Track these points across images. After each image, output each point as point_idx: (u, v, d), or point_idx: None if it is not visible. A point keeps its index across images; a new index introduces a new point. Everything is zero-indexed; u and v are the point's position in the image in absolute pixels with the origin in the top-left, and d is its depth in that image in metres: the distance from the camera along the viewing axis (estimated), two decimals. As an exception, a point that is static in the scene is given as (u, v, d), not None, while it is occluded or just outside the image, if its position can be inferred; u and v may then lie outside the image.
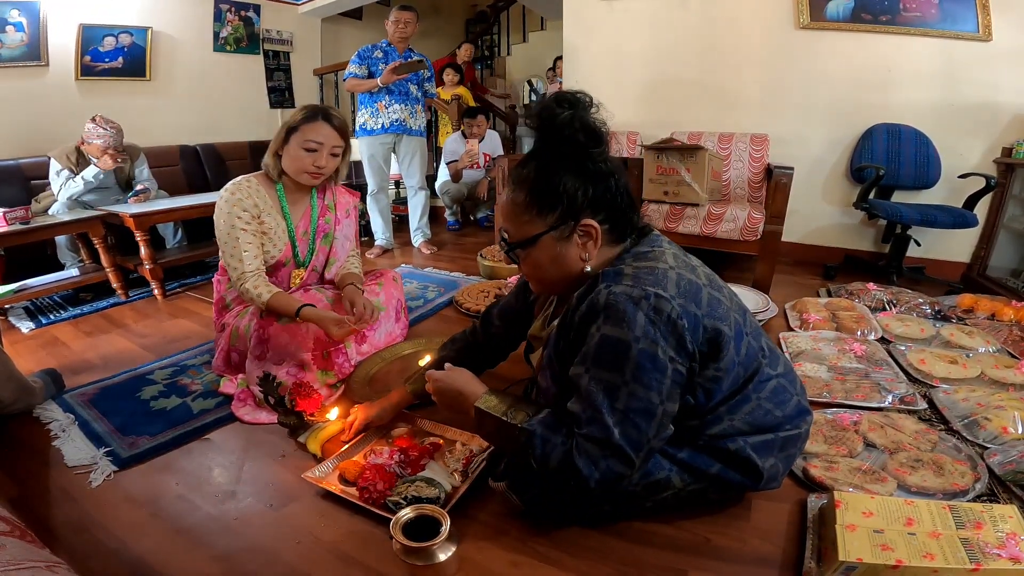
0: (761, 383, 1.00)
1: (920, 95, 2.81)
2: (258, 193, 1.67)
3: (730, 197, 2.99)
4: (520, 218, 0.98)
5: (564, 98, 0.95)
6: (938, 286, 2.70)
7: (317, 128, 1.62)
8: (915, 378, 1.69)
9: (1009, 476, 1.19)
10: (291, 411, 1.44)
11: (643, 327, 0.86)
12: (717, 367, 0.94)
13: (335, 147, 1.66)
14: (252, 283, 1.61)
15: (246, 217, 1.63)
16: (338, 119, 1.66)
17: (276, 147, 1.66)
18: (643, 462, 0.94)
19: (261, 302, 1.60)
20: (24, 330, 2.31)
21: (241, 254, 1.61)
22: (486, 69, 7.07)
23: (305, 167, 1.63)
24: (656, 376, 0.87)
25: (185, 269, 3.04)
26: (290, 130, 1.63)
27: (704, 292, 0.94)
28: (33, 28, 3.29)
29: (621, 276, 0.91)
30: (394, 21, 3.07)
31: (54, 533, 1.14)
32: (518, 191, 0.98)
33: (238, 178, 1.68)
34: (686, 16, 3.21)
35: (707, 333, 0.91)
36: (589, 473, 0.89)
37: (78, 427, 1.53)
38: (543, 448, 0.93)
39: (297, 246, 1.76)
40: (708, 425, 1.00)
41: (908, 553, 0.89)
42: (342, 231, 1.87)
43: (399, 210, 4.07)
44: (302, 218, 1.78)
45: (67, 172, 2.74)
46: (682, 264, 0.96)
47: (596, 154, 0.96)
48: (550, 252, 0.98)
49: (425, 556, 0.95)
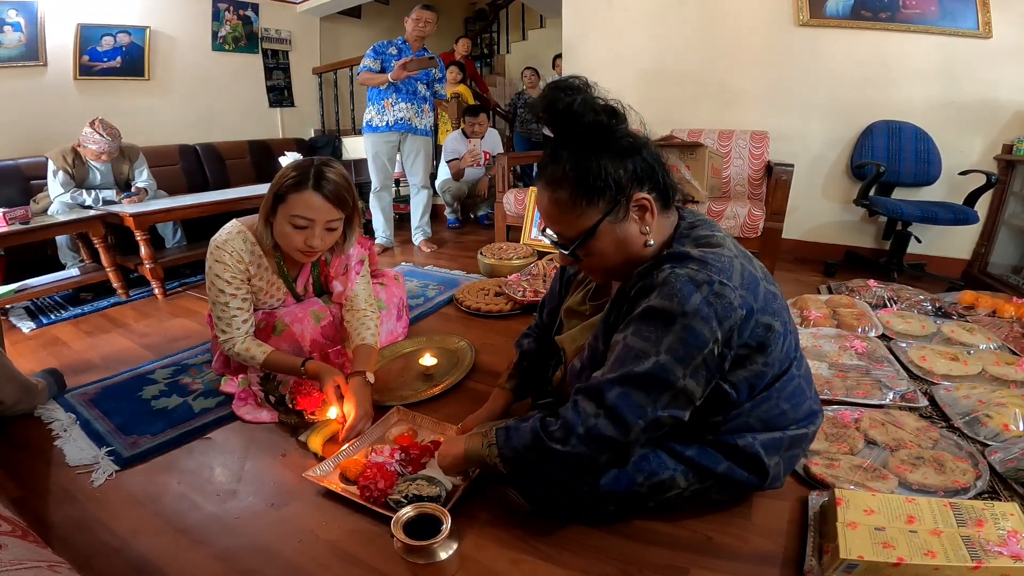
0: (786, 382, 1.00)
1: (920, 92, 2.80)
2: (251, 253, 1.49)
3: (730, 194, 2.99)
4: (571, 215, 0.95)
5: (564, 85, 0.92)
6: (939, 283, 2.69)
7: (306, 200, 1.33)
8: (916, 375, 1.69)
9: (1010, 473, 1.19)
10: (292, 410, 1.44)
11: (696, 305, 0.84)
12: (765, 361, 0.94)
13: (330, 221, 1.38)
14: (243, 346, 1.47)
15: (235, 283, 1.46)
16: (334, 184, 1.35)
17: (265, 214, 1.41)
18: (642, 433, 0.89)
19: (255, 363, 1.47)
20: (25, 330, 2.31)
21: (230, 319, 1.47)
22: (485, 67, 7.06)
23: (296, 246, 1.39)
24: (692, 351, 0.85)
25: (185, 268, 3.04)
26: (277, 197, 1.37)
27: (762, 285, 0.93)
28: (31, 28, 3.29)
29: (688, 259, 0.90)
30: (415, 19, 3.05)
31: (56, 533, 1.14)
32: (559, 190, 0.94)
33: (233, 228, 1.47)
34: (685, 13, 3.20)
35: (759, 328, 0.91)
36: (574, 425, 0.89)
37: (79, 427, 1.53)
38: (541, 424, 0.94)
39: (300, 297, 1.67)
40: (728, 421, 0.99)
41: (909, 551, 0.89)
42: (336, 288, 1.66)
43: (400, 208, 4.07)
44: (300, 275, 1.63)
45: (63, 174, 2.73)
46: (741, 254, 0.96)
47: (621, 130, 0.95)
48: (611, 237, 0.95)
49: (426, 554, 0.95)
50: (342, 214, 1.41)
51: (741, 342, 0.90)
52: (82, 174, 2.83)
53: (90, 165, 2.84)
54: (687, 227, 0.99)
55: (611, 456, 0.92)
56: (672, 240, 0.98)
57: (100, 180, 2.89)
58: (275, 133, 4.89)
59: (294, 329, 1.58)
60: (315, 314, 1.63)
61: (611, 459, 0.94)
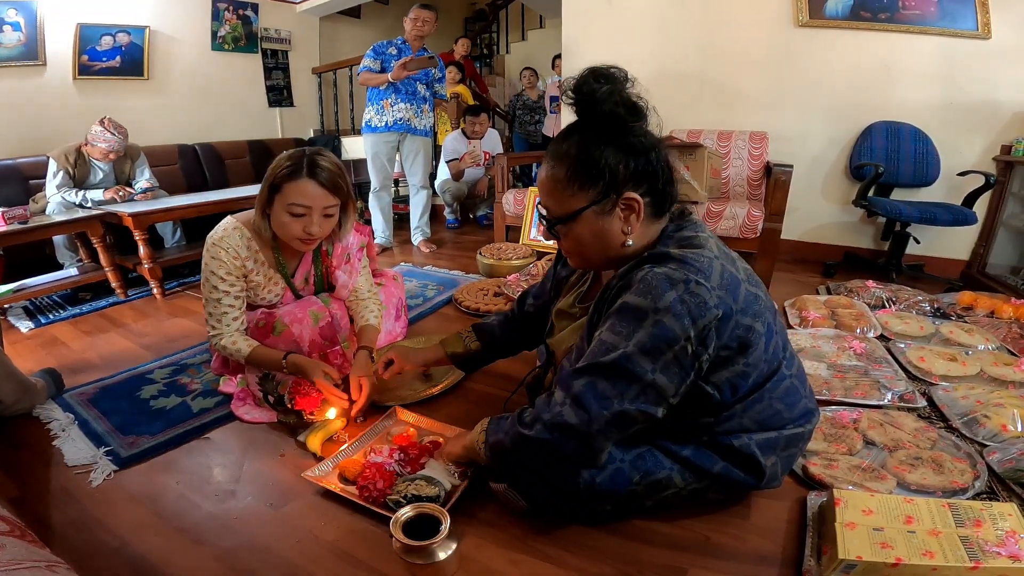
0: (777, 382, 1.00)
1: (919, 93, 2.81)
2: (248, 249, 1.49)
3: (729, 195, 2.99)
4: (561, 193, 0.97)
5: (601, 73, 0.94)
6: (937, 283, 2.70)
7: (302, 188, 1.36)
8: (914, 376, 1.69)
9: (1008, 474, 1.19)
10: (290, 410, 1.44)
11: (669, 302, 0.85)
12: (746, 362, 0.94)
13: (327, 207, 1.41)
14: (229, 340, 1.47)
15: (230, 279, 1.46)
16: (327, 171, 1.38)
17: (261, 206, 1.43)
18: (607, 426, 0.89)
19: (240, 356, 1.47)
20: (23, 330, 2.30)
21: (221, 315, 1.47)
22: (485, 67, 7.07)
23: (294, 234, 1.40)
24: (660, 346, 0.86)
25: (184, 268, 3.04)
26: (272, 188, 1.39)
27: (743, 287, 0.94)
28: (30, 27, 3.29)
29: (667, 259, 0.91)
30: (413, 19, 3.05)
31: (54, 532, 1.14)
32: (558, 166, 0.97)
33: (229, 225, 1.48)
34: (685, 14, 3.20)
35: (739, 329, 0.91)
36: (541, 412, 0.94)
37: (78, 427, 1.53)
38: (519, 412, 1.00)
39: (298, 292, 1.66)
40: (721, 422, 0.99)
41: (908, 551, 0.89)
42: (339, 279, 1.68)
43: (399, 208, 4.07)
44: (300, 266, 1.63)
45: (63, 175, 2.73)
46: (724, 255, 0.97)
47: (636, 128, 0.96)
48: (592, 227, 0.97)
49: (425, 555, 0.95)
50: (338, 200, 1.44)
51: (721, 344, 0.90)
52: (84, 173, 2.82)
53: (93, 164, 2.84)
54: (674, 229, 1.00)
55: (575, 446, 0.92)
56: (657, 242, 0.99)
57: (102, 179, 2.89)
58: (274, 133, 4.89)
59: (293, 330, 1.58)
60: (314, 314, 1.63)
61: (576, 449, 0.92)
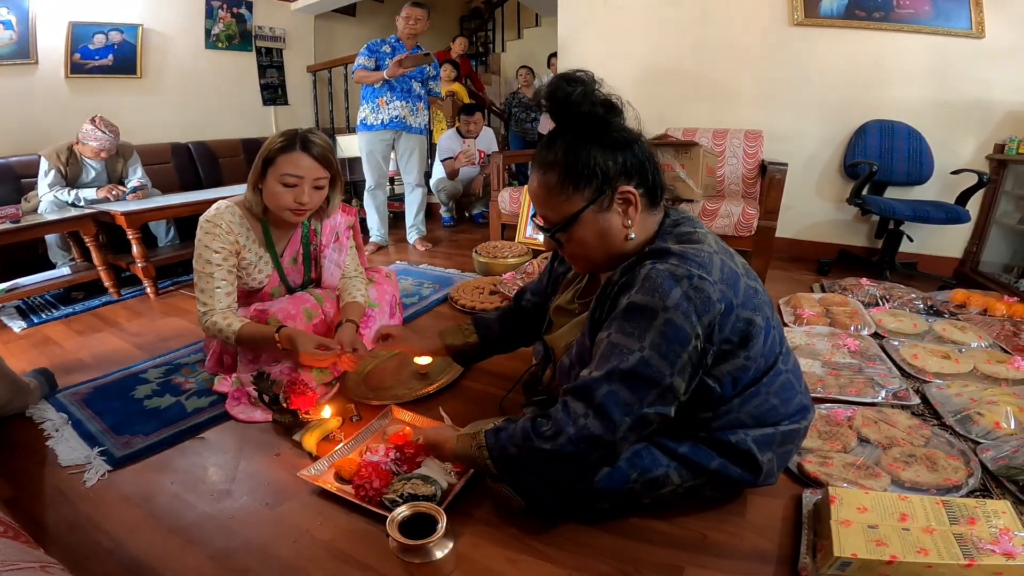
0: (774, 377, 1.01)
1: (913, 92, 2.82)
2: (240, 225, 1.55)
3: (724, 193, 3.00)
4: (557, 199, 0.98)
5: (570, 77, 0.96)
6: (931, 281, 2.71)
7: (295, 160, 1.45)
8: (908, 373, 1.70)
9: (1002, 471, 1.20)
10: (286, 409, 1.44)
11: (676, 300, 0.86)
12: (747, 355, 0.95)
13: (318, 179, 1.49)
14: (221, 316, 1.50)
15: (224, 253, 1.51)
16: (319, 146, 1.48)
17: (254, 180, 1.51)
18: (629, 432, 0.91)
19: (231, 332, 1.49)
20: (16, 329, 2.28)
21: (213, 291, 1.50)
22: (480, 65, 7.05)
23: (286, 204, 1.47)
24: (675, 348, 0.87)
25: (178, 267, 3.01)
26: (266, 162, 1.47)
27: (742, 281, 0.94)
28: (22, 26, 3.25)
29: (668, 254, 0.92)
30: (405, 17, 3.05)
31: (48, 533, 1.14)
32: (549, 174, 0.98)
33: (221, 205, 1.55)
34: (680, 13, 3.20)
35: (740, 323, 0.92)
36: (564, 425, 0.91)
37: (71, 427, 1.52)
38: (532, 424, 0.96)
39: (286, 275, 1.69)
40: (718, 417, 1.00)
41: (902, 549, 0.89)
42: (329, 257, 1.74)
43: (394, 207, 4.06)
44: (288, 245, 1.67)
45: (55, 173, 2.71)
46: (722, 250, 0.98)
47: (616, 124, 0.98)
48: (593, 226, 0.98)
49: (422, 553, 0.95)
50: (328, 173, 1.52)
51: (723, 337, 0.91)
52: (76, 172, 2.80)
53: (85, 163, 2.82)
54: (671, 224, 1.01)
55: (600, 455, 0.94)
56: (655, 237, 1.00)
57: (94, 178, 2.87)
58: (269, 131, 4.86)
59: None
60: (307, 312, 1.63)
61: (600, 457, 0.95)
